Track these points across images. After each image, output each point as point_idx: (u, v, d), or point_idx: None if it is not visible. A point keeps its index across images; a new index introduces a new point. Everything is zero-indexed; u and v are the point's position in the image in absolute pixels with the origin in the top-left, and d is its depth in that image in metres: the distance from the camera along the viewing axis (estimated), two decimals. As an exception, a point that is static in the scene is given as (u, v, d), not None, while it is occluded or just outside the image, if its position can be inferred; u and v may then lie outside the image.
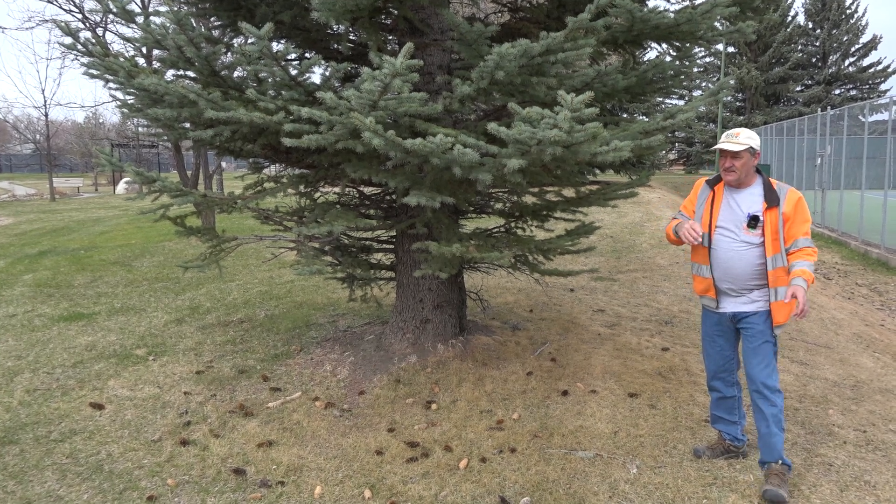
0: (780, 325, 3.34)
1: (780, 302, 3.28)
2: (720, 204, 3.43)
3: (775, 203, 3.28)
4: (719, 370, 3.59)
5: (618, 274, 8.94)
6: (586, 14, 3.46)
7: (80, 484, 3.46)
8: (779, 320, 3.32)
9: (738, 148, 3.27)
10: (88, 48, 4.17)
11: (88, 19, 14.67)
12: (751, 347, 3.39)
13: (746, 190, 3.38)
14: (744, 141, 3.29)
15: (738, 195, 3.39)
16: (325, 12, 3.76)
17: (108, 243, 12.23)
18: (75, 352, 5.63)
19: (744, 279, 3.34)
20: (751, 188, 3.38)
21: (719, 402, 3.65)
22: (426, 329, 5.17)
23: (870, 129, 13.23)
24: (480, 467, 3.58)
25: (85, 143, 40.93)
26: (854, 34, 38.54)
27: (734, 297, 3.42)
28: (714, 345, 3.59)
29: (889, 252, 11.38)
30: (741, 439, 3.64)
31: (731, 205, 3.39)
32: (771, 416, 3.31)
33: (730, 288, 3.40)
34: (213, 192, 10.71)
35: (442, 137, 3.27)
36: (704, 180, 3.56)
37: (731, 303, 3.44)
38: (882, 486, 3.38)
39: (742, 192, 3.39)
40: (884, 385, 4.89)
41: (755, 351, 3.38)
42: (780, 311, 3.31)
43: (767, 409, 3.32)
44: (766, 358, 3.36)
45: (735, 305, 3.43)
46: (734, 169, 3.32)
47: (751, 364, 3.39)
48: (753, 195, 3.35)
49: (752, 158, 3.32)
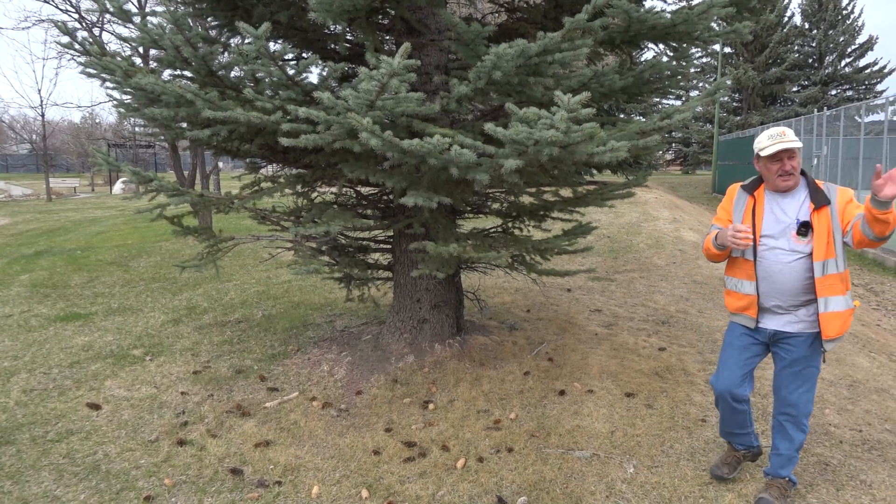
0: (830, 339, 2.96)
1: (831, 312, 2.93)
2: (763, 211, 3.07)
3: (825, 202, 2.93)
4: (734, 384, 3.17)
5: (615, 274, 8.95)
6: (583, 14, 3.46)
7: (77, 484, 3.46)
8: (829, 334, 2.95)
9: (797, 145, 2.93)
10: (85, 48, 4.16)
11: (85, 19, 14.64)
12: (793, 371, 3.08)
13: (793, 194, 3.04)
14: (795, 137, 2.97)
15: (784, 200, 3.05)
16: (323, 12, 3.76)
17: (105, 243, 12.20)
18: (72, 352, 5.62)
19: (793, 294, 2.99)
20: (796, 191, 3.04)
21: (727, 416, 3.30)
22: (423, 329, 5.18)
23: (866, 130, 13.27)
24: (478, 467, 3.59)
25: (81, 143, 40.84)
26: (850, 35, 38.62)
27: (780, 314, 3.07)
28: (740, 355, 3.18)
29: (885, 252, 11.41)
30: (756, 446, 3.42)
31: (775, 211, 3.05)
32: (798, 442, 3.15)
33: (776, 305, 3.05)
34: (210, 191, 10.71)
35: (439, 138, 3.27)
36: (739, 186, 3.22)
37: (774, 321, 3.09)
38: (878, 485, 3.39)
39: (788, 196, 3.04)
40: (880, 385, 4.90)
41: (798, 375, 3.08)
42: (831, 323, 2.94)
43: (797, 435, 3.14)
44: (808, 383, 3.08)
45: (778, 324, 3.08)
46: (793, 171, 2.97)
47: (789, 389, 3.10)
48: (799, 199, 3.01)
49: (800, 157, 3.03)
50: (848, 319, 2.97)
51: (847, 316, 2.97)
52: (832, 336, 2.95)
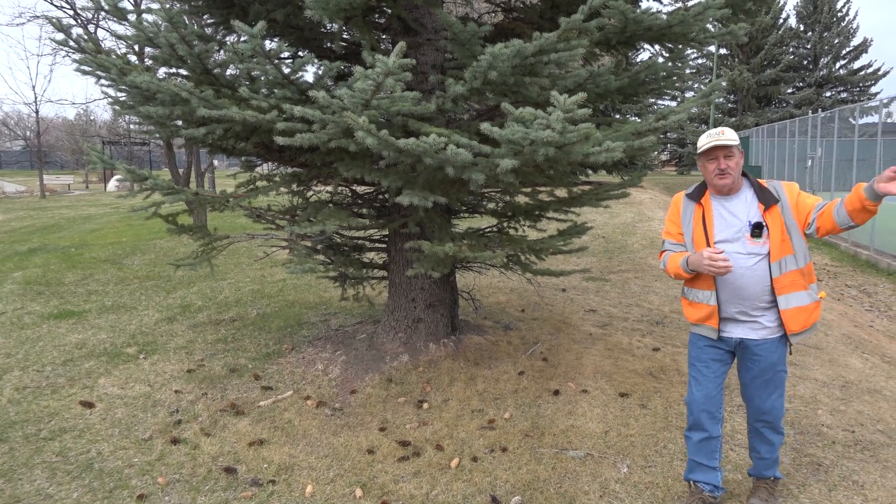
0: (795, 333, 2.92)
1: (793, 308, 2.89)
2: (712, 217, 2.99)
3: (773, 201, 2.90)
4: (708, 400, 3.08)
5: (609, 274, 8.96)
6: (579, 15, 3.47)
7: (70, 482, 3.45)
8: (793, 328, 2.90)
9: (732, 143, 2.88)
10: (80, 45, 4.15)
11: (80, 16, 14.60)
12: (763, 379, 3.02)
13: (737, 196, 2.99)
14: (732, 137, 2.90)
15: (730, 203, 2.99)
16: (319, 11, 3.75)
17: (99, 241, 12.16)
18: (65, 350, 5.60)
19: (756, 297, 2.91)
20: (741, 193, 2.99)
21: (701, 444, 3.13)
22: (418, 328, 5.18)
23: (860, 132, 13.32)
24: (472, 466, 3.59)
25: (76, 141, 40.70)
26: (845, 37, 38.78)
27: (743, 321, 2.98)
28: (708, 370, 3.09)
29: (878, 254, 11.46)
30: (721, 488, 3.17)
31: (724, 216, 2.98)
32: (778, 443, 3.13)
33: (740, 311, 2.96)
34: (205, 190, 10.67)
35: (435, 137, 3.27)
36: (683, 194, 3.13)
37: (738, 328, 3.01)
38: (870, 485, 3.41)
39: (733, 198, 2.99)
40: (872, 386, 4.93)
41: (768, 383, 3.02)
42: (794, 318, 2.89)
43: (776, 438, 3.12)
44: (779, 388, 3.03)
45: (742, 331, 3.00)
46: (729, 171, 2.91)
47: (762, 398, 3.04)
48: (746, 200, 2.96)
49: (741, 158, 2.97)
50: (814, 312, 2.93)
51: (812, 309, 2.93)
52: (796, 330, 2.92)
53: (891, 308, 8.56)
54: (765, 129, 23.42)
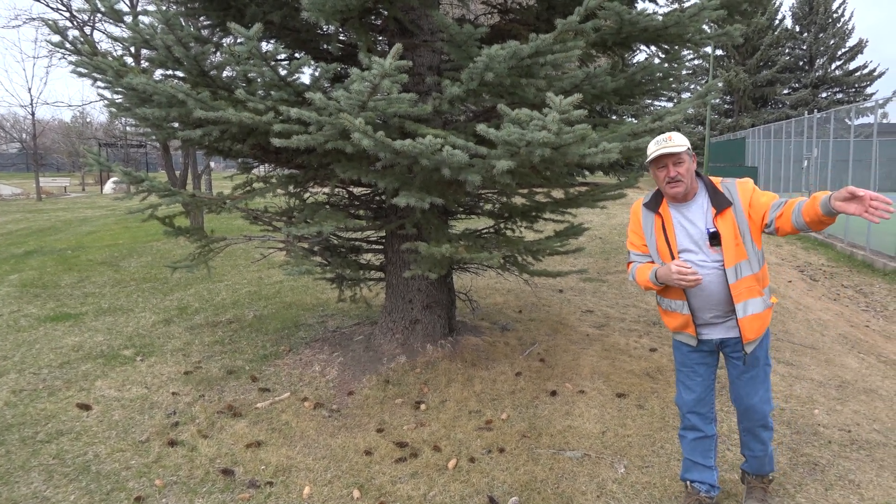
0: (750, 341, 2.90)
1: (750, 316, 2.85)
2: (672, 227, 2.92)
3: (726, 204, 2.82)
4: (698, 402, 3.09)
5: (606, 275, 8.98)
6: (575, 16, 3.48)
7: (67, 485, 3.44)
8: (749, 337, 2.88)
9: (680, 149, 2.79)
10: (76, 47, 4.15)
11: (76, 18, 14.59)
12: (748, 376, 2.99)
13: (694, 202, 2.90)
14: (681, 142, 2.81)
15: (687, 210, 2.91)
16: (315, 12, 3.76)
17: (96, 243, 12.14)
18: (62, 352, 5.59)
19: (725, 302, 2.87)
20: (697, 198, 2.90)
21: (696, 443, 3.13)
22: (415, 329, 5.18)
23: (856, 133, 13.36)
24: (469, 467, 3.59)
25: (72, 143, 40.65)
26: (840, 38, 38.90)
27: (719, 324, 2.95)
28: (694, 374, 3.08)
29: (874, 254, 11.49)
30: (717, 487, 3.16)
31: (684, 224, 2.90)
32: (768, 439, 3.08)
33: (714, 316, 2.93)
34: (202, 192, 10.67)
35: (431, 138, 3.28)
36: (642, 205, 3.05)
37: (716, 330, 2.97)
38: (866, 485, 3.42)
39: (690, 204, 2.91)
40: (868, 385, 4.94)
41: (753, 379, 2.98)
42: (750, 326, 2.87)
43: (766, 434, 3.06)
44: (765, 384, 3.00)
45: (721, 332, 2.97)
46: (680, 178, 2.81)
47: (748, 394, 3.00)
48: (702, 205, 2.88)
49: (693, 162, 2.86)
50: (766, 319, 2.90)
51: (766, 316, 2.89)
52: (751, 338, 2.89)
53: (887, 308, 8.59)
54: (761, 130, 23.46)
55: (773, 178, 20.39)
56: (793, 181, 17.78)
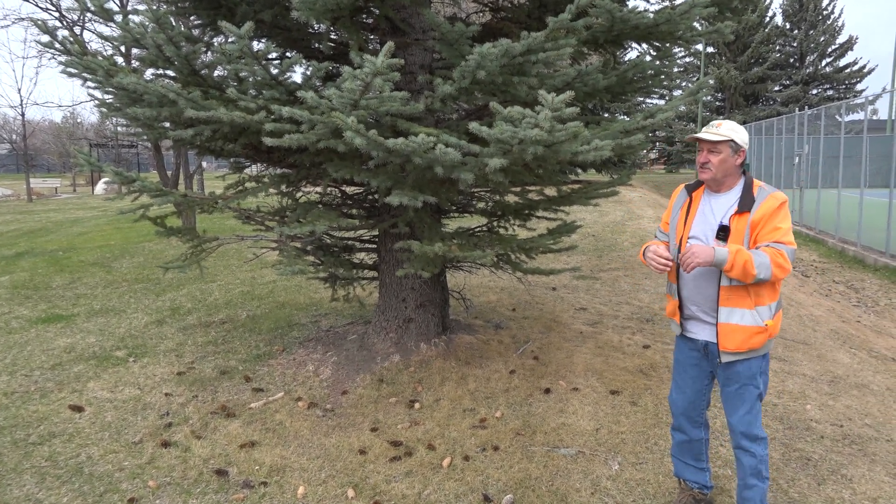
0: (727, 351, 2.80)
1: (730, 324, 2.77)
2: (696, 211, 2.92)
3: (747, 208, 2.75)
4: (689, 406, 3.07)
5: (600, 272, 8.99)
6: (567, 14, 3.48)
7: (60, 487, 3.43)
8: (726, 345, 2.79)
9: (717, 138, 2.76)
10: (66, 47, 4.12)
11: (66, 17, 14.50)
12: (729, 391, 2.90)
13: (726, 194, 2.87)
14: (725, 132, 2.78)
15: (716, 200, 2.88)
16: (306, 11, 3.75)
17: (87, 244, 12.08)
18: (54, 354, 5.56)
19: (714, 301, 2.83)
20: (730, 192, 2.86)
21: (683, 446, 3.14)
22: (409, 328, 5.18)
23: (846, 129, 13.43)
24: (464, 465, 3.59)
25: (63, 143, 40.44)
26: (831, 35, 39.10)
27: (705, 323, 2.90)
28: (685, 374, 3.06)
29: (865, 249, 11.56)
30: (709, 486, 3.18)
31: (705, 212, 2.89)
32: (749, 468, 2.89)
33: (699, 311, 2.90)
34: (194, 191, 10.63)
35: (424, 137, 3.28)
36: (683, 186, 3.07)
37: (702, 330, 2.92)
38: (858, 479, 3.44)
39: (720, 196, 2.87)
40: (860, 380, 4.97)
41: (734, 395, 2.89)
42: (729, 335, 2.78)
43: (746, 460, 2.89)
44: (746, 403, 2.86)
45: (706, 334, 2.91)
46: (709, 165, 2.81)
47: (728, 410, 2.93)
48: (731, 200, 2.83)
49: (735, 156, 2.80)
50: (753, 337, 2.76)
51: (752, 333, 2.75)
52: (730, 349, 2.79)
53: (878, 303, 8.64)
54: (752, 127, 23.54)
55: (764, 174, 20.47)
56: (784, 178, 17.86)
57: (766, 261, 2.62)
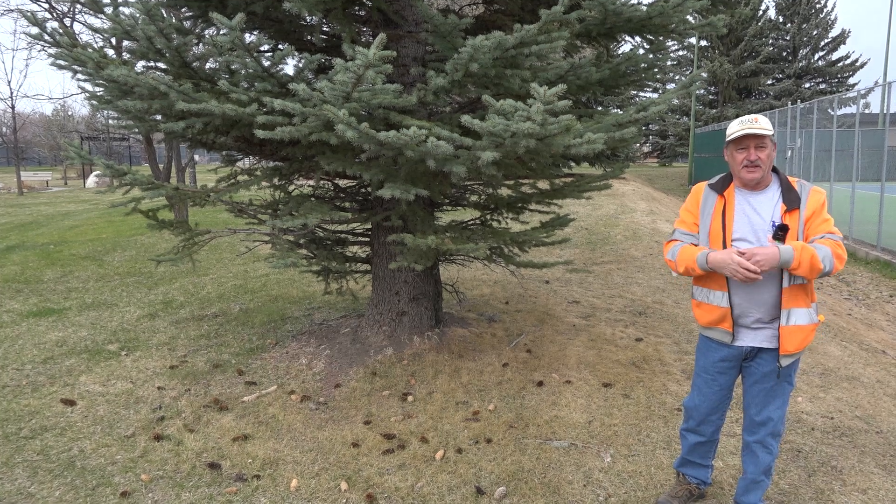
0: (788, 354, 2.70)
1: (792, 326, 2.66)
2: (733, 212, 2.73)
3: (796, 205, 2.63)
4: (711, 411, 2.96)
5: (592, 266, 9.01)
6: (560, 7, 3.48)
7: (52, 481, 3.42)
8: (787, 348, 2.68)
9: (766, 132, 2.60)
10: (56, 39, 4.09)
11: (55, 9, 14.37)
12: (766, 388, 2.79)
13: (764, 192, 2.72)
14: (767, 126, 2.63)
15: (756, 199, 2.72)
16: (298, 3, 3.73)
17: (79, 238, 12.02)
18: (45, 348, 5.54)
19: (773, 305, 2.68)
20: (769, 189, 2.73)
21: (697, 447, 3.08)
22: (402, 321, 5.18)
23: (838, 123, 13.47)
24: (457, 458, 3.60)
25: (53, 136, 40.14)
26: (823, 28, 39.16)
27: (758, 329, 2.75)
28: (714, 384, 2.92)
29: (857, 243, 11.62)
30: (709, 482, 3.18)
31: (747, 212, 2.71)
32: (764, 464, 2.87)
33: (756, 319, 2.73)
34: (186, 184, 10.59)
35: (416, 130, 3.27)
36: (706, 185, 2.87)
37: (751, 336, 2.77)
38: (848, 471, 3.47)
39: (759, 194, 2.73)
40: (850, 373, 5.00)
41: (771, 392, 2.79)
42: (791, 337, 2.67)
43: (764, 456, 2.86)
44: (780, 398, 2.80)
45: (757, 340, 2.76)
46: (759, 163, 2.64)
47: (759, 407, 2.82)
48: (772, 198, 2.70)
49: (774, 151, 2.70)
50: (809, 335, 2.71)
51: (809, 331, 2.70)
52: (790, 351, 2.69)
53: (868, 296, 8.69)
54: (745, 121, 23.58)
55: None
56: (776, 171, 17.90)
57: (829, 252, 2.54)
